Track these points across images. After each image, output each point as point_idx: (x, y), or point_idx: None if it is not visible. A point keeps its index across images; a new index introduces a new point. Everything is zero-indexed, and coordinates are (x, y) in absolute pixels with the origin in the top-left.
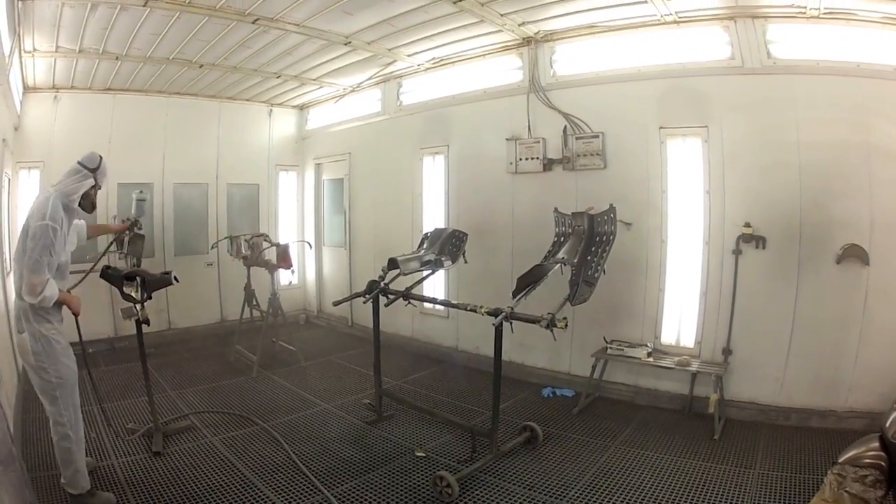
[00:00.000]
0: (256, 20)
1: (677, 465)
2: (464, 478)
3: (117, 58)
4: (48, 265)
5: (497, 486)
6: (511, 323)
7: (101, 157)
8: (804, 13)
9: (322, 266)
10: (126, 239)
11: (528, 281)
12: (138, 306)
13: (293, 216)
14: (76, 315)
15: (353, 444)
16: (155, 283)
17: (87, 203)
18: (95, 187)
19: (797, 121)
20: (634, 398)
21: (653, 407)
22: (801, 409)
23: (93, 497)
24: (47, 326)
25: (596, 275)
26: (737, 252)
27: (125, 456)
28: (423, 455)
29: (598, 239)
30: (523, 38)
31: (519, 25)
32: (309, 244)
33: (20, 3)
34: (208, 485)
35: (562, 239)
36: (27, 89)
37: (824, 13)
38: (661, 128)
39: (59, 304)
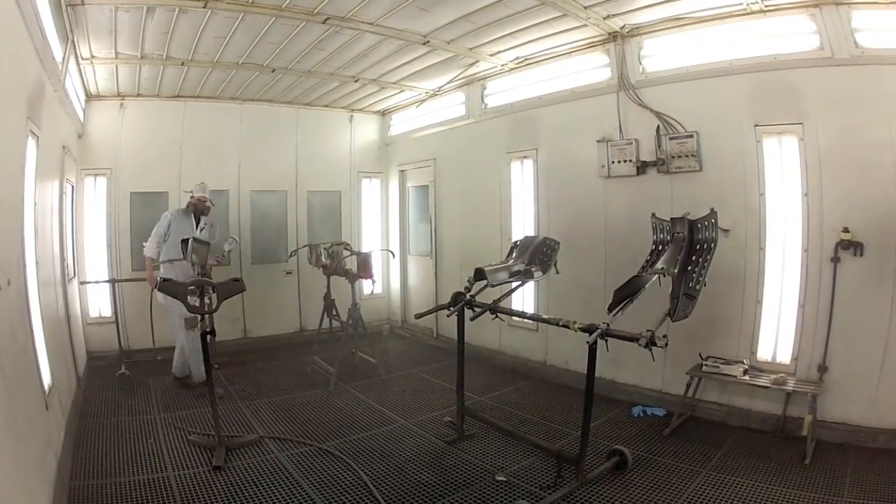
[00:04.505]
0: (327, 19)
1: (768, 494)
2: None
3: (182, 63)
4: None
5: None
6: (606, 340)
7: (199, 185)
8: None
9: (407, 275)
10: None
11: (626, 294)
12: (204, 317)
13: (377, 224)
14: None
15: (430, 465)
16: (227, 291)
17: (189, 209)
18: (192, 198)
19: (888, 116)
20: (727, 418)
21: (744, 428)
22: (891, 429)
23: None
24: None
25: (698, 287)
26: (835, 260)
27: (183, 469)
28: (504, 480)
29: (698, 247)
30: (609, 34)
31: (604, 19)
32: (392, 253)
33: (69, 8)
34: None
35: (660, 247)
36: (90, 97)
37: None
38: (756, 125)
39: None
